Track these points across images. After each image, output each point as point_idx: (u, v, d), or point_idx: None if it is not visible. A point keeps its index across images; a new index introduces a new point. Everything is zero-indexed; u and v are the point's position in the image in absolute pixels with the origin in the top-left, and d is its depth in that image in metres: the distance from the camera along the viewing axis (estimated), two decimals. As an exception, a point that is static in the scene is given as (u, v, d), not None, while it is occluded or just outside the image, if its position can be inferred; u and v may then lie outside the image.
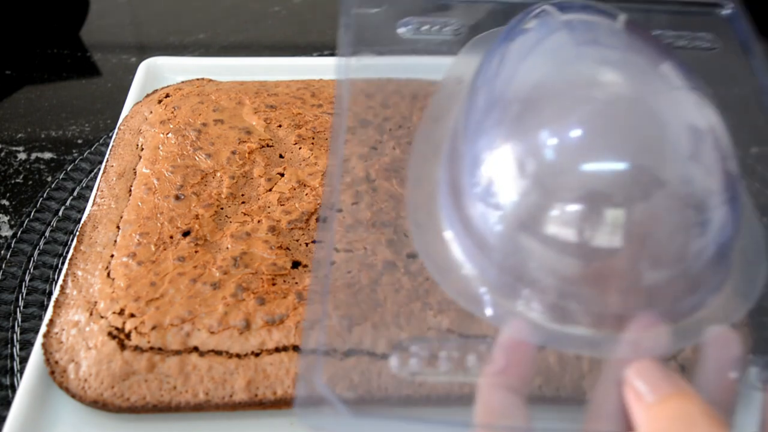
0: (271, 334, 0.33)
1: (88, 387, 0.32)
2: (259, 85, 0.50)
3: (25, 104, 0.58)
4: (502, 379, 0.25)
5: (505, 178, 0.27)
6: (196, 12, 0.73)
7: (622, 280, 0.26)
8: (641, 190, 0.25)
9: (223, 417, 0.33)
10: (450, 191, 0.31)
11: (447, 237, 0.30)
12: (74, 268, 0.37)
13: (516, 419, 0.24)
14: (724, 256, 0.27)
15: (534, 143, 0.27)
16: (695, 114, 0.27)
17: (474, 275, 0.29)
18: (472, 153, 0.29)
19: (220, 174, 0.41)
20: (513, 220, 0.27)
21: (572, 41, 0.29)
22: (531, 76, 0.29)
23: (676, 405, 0.22)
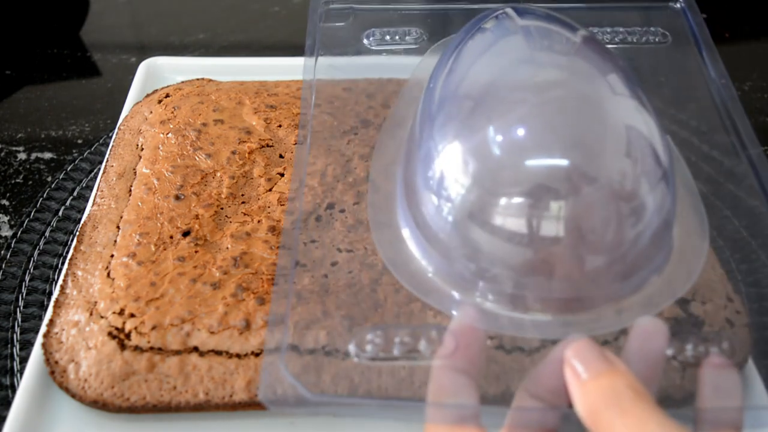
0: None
1: (88, 387, 0.32)
2: (259, 85, 0.50)
3: (25, 104, 0.58)
4: (453, 362, 0.27)
5: (455, 173, 0.29)
6: (196, 12, 0.73)
7: (565, 267, 0.28)
8: (578, 184, 0.27)
9: (223, 417, 0.33)
10: (405, 189, 0.33)
11: (403, 234, 0.32)
12: (74, 268, 0.37)
13: (465, 398, 0.26)
14: (662, 241, 0.30)
15: (481, 140, 0.29)
16: (631, 117, 0.29)
17: (429, 268, 0.31)
18: (426, 149, 0.31)
19: (220, 174, 0.41)
20: (462, 213, 0.29)
21: (526, 46, 0.31)
22: (483, 76, 0.31)
23: (606, 381, 0.24)
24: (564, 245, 0.28)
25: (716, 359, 0.28)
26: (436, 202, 0.30)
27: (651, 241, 0.29)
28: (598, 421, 0.24)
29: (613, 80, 0.30)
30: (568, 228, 0.27)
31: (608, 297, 0.29)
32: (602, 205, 0.28)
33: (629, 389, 0.24)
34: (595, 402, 0.24)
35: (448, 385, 0.26)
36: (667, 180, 0.30)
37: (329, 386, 0.32)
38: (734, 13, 0.74)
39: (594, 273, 0.29)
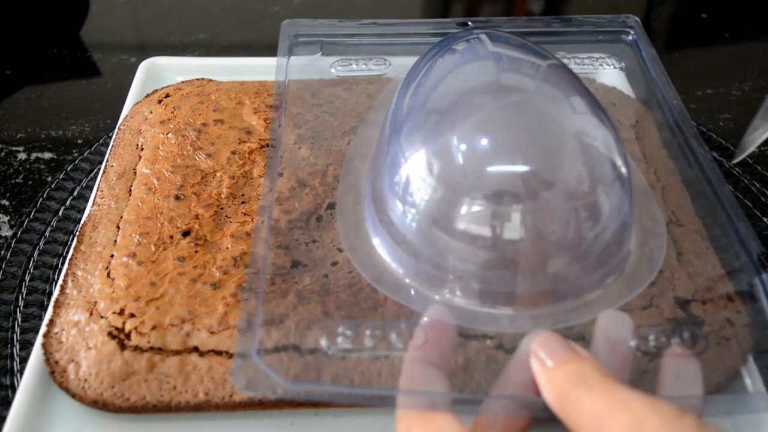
0: (271, 334, 0.33)
1: (88, 387, 0.32)
2: (259, 85, 0.50)
3: (25, 104, 0.58)
4: (423, 354, 0.28)
5: (419, 180, 0.31)
6: (196, 12, 0.74)
7: (527, 265, 0.30)
8: (536, 188, 0.29)
9: (223, 417, 0.33)
10: (373, 195, 0.35)
11: (372, 238, 0.34)
12: (74, 268, 0.37)
13: (436, 387, 0.27)
14: (619, 243, 0.32)
15: (444, 148, 0.31)
16: (589, 130, 0.32)
17: (398, 270, 0.33)
18: (392, 157, 0.33)
19: (220, 174, 0.41)
20: (427, 218, 0.31)
21: (494, 68, 0.34)
22: (449, 91, 0.34)
23: (571, 366, 0.26)
24: (525, 245, 0.30)
25: (677, 349, 0.29)
26: (402, 207, 0.32)
27: (610, 240, 0.31)
28: (565, 403, 0.25)
29: (575, 100, 0.33)
30: (528, 229, 0.29)
31: (571, 292, 0.31)
32: (559, 207, 0.30)
33: (595, 370, 0.25)
34: (562, 385, 0.25)
35: (419, 376, 0.27)
36: (624, 186, 0.32)
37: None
38: (734, 13, 0.74)
39: (556, 270, 0.30)
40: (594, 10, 0.78)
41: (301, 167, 0.42)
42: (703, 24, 0.72)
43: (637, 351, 0.30)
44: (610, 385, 0.24)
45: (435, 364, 0.28)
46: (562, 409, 0.25)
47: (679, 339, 0.30)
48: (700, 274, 0.36)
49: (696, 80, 0.62)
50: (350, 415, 0.33)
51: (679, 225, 0.38)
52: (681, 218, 0.38)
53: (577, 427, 0.24)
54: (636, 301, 0.33)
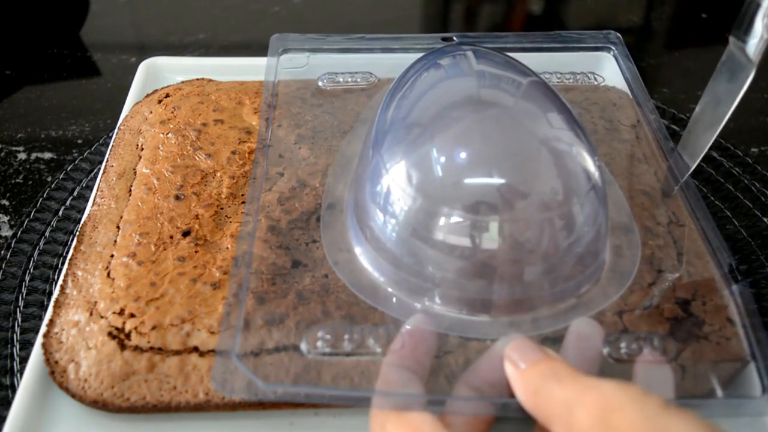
0: (271, 334, 0.33)
1: (88, 387, 0.32)
2: (259, 85, 0.49)
3: (25, 104, 0.58)
4: (400, 359, 0.29)
5: (399, 191, 0.32)
6: (196, 12, 0.74)
7: (503, 274, 0.31)
8: (512, 199, 0.30)
9: (223, 417, 0.33)
10: (355, 206, 0.36)
11: (355, 248, 0.35)
12: (74, 268, 0.37)
13: (411, 390, 0.28)
14: (594, 253, 0.33)
15: (424, 160, 0.32)
16: (564, 144, 0.33)
17: (380, 278, 0.34)
18: (374, 168, 0.34)
19: (220, 174, 0.41)
20: (406, 228, 0.32)
21: (476, 84, 0.35)
22: (430, 105, 0.35)
23: (543, 365, 0.27)
24: (501, 255, 0.30)
25: (649, 356, 0.30)
26: (383, 217, 0.33)
27: (584, 250, 0.32)
28: (538, 399, 0.26)
29: (552, 116, 0.34)
30: (504, 239, 0.30)
31: (546, 300, 0.32)
32: (535, 218, 0.30)
33: (566, 368, 0.26)
34: (535, 382, 0.26)
35: (395, 379, 0.28)
36: (598, 198, 0.33)
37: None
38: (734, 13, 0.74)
39: (531, 279, 0.31)
40: (594, 10, 0.78)
41: (301, 167, 0.42)
42: (703, 24, 0.72)
43: (609, 358, 0.30)
44: (580, 376, 0.25)
45: (411, 368, 0.29)
46: (535, 404, 0.26)
47: (650, 346, 0.31)
48: (700, 274, 0.36)
49: (696, 80, 0.62)
50: (350, 415, 0.33)
51: (679, 225, 0.38)
52: (681, 218, 0.38)
53: (549, 417, 0.25)
54: (636, 302, 0.33)
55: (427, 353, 0.30)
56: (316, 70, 0.47)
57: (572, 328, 0.31)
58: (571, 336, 0.30)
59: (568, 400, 0.24)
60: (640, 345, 0.31)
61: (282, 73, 0.46)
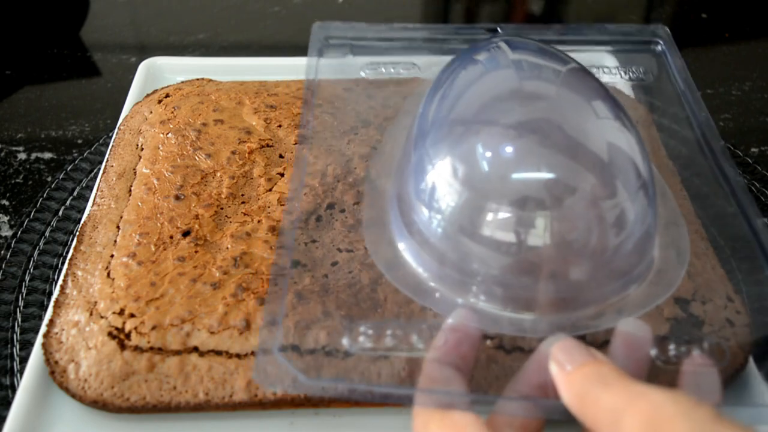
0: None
1: (88, 387, 0.32)
2: (259, 85, 0.49)
3: (25, 104, 0.58)
4: (443, 355, 0.28)
5: (445, 187, 0.31)
6: (196, 12, 0.73)
7: (550, 271, 0.30)
8: (561, 195, 0.29)
9: (223, 417, 0.33)
10: (399, 201, 0.35)
11: (398, 242, 0.34)
12: (74, 268, 0.37)
13: (454, 388, 0.27)
14: (642, 251, 0.32)
15: (470, 156, 0.31)
16: (613, 136, 0.32)
17: (423, 273, 0.33)
18: (419, 164, 0.33)
19: (220, 174, 0.41)
20: (452, 224, 0.31)
21: (516, 76, 0.34)
22: (474, 100, 0.34)
23: (589, 368, 0.26)
24: (548, 252, 0.30)
25: (697, 359, 0.29)
26: (428, 212, 0.32)
27: (634, 248, 0.31)
28: (584, 402, 0.25)
29: (597, 104, 0.33)
30: (552, 236, 0.29)
31: (592, 299, 0.31)
32: (583, 215, 0.30)
33: (613, 371, 0.25)
34: (581, 386, 0.25)
35: (438, 377, 0.28)
36: (648, 194, 0.32)
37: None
38: (734, 13, 0.74)
39: (577, 277, 0.30)
40: (594, 10, 0.78)
41: (301, 167, 0.42)
42: (703, 24, 0.72)
43: (656, 360, 0.29)
44: (628, 381, 0.24)
45: (454, 365, 0.28)
46: (581, 409, 0.25)
47: (699, 349, 0.30)
48: (700, 274, 0.36)
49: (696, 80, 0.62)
50: (350, 414, 0.33)
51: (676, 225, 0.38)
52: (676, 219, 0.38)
53: (595, 423, 0.24)
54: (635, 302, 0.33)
55: (470, 350, 0.29)
56: (357, 60, 0.46)
57: (620, 328, 0.30)
58: (618, 337, 0.29)
59: (615, 407, 0.24)
60: (690, 348, 0.30)
61: (323, 63, 0.44)
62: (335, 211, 0.39)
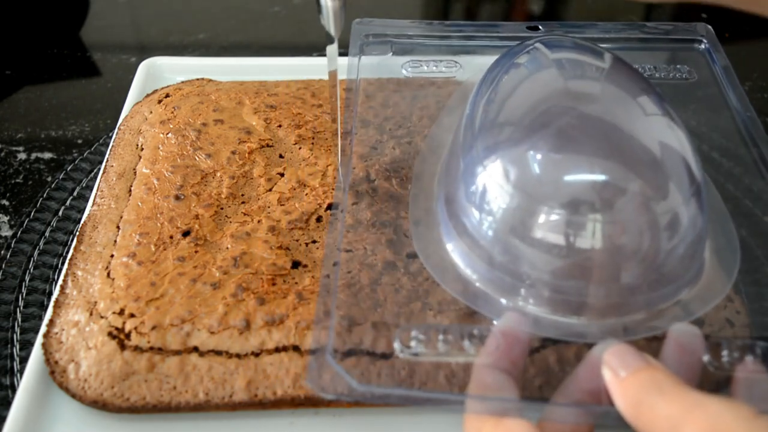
0: (271, 334, 0.33)
1: (88, 387, 0.32)
2: (259, 85, 0.50)
3: (25, 104, 0.58)
4: (494, 360, 0.28)
5: (497, 189, 0.31)
6: (196, 12, 0.73)
7: (600, 276, 0.30)
8: (613, 197, 0.29)
9: (223, 417, 0.33)
10: (447, 203, 0.35)
11: (447, 245, 0.34)
12: (74, 268, 0.37)
13: (507, 394, 0.27)
14: (694, 255, 0.32)
15: (520, 159, 0.31)
16: (664, 134, 0.31)
17: (473, 276, 0.33)
18: (469, 164, 0.33)
19: (220, 174, 0.41)
20: (503, 227, 0.31)
21: (559, 75, 0.34)
22: (521, 103, 0.33)
23: (644, 375, 0.25)
24: (600, 256, 0.29)
25: (750, 366, 0.29)
26: (478, 214, 0.32)
27: (685, 252, 0.31)
28: (639, 410, 0.25)
29: (643, 100, 0.32)
30: (604, 239, 0.29)
31: (643, 304, 0.31)
32: (636, 218, 0.29)
33: (668, 378, 0.25)
34: (636, 393, 0.25)
35: (490, 382, 0.27)
36: (700, 195, 0.31)
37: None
38: (734, 13, 0.74)
39: (629, 281, 0.30)
40: (594, 10, 0.78)
41: (301, 167, 0.42)
42: (703, 24, 0.72)
43: (709, 366, 0.29)
44: (684, 390, 0.24)
45: (505, 370, 0.28)
46: (636, 416, 0.25)
47: (752, 355, 0.29)
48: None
49: (696, 80, 0.62)
50: (350, 414, 0.33)
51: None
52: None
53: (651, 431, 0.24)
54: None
55: (521, 355, 0.29)
56: (398, 58, 0.45)
57: (672, 334, 0.29)
58: (670, 342, 0.29)
59: (673, 416, 0.23)
60: (742, 353, 0.29)
61: (365, 60, 0.44)
62: (335, 211, 0.39)
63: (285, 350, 0.33)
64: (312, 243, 0.37)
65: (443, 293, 0.34)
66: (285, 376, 0.33)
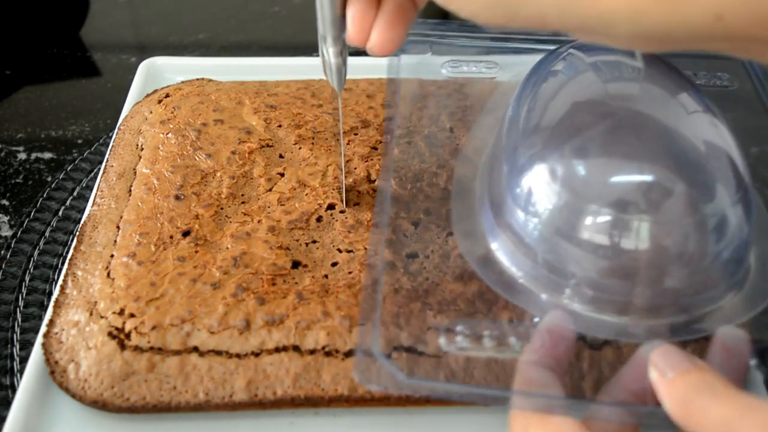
0: (271, 334, 0.33)
1: (88, 387, 0.32)
2: (259, 85, 0.50)
3: (25, 104, 0.58)
4: (540, 358, 0.28)
5: (543, 189, 0.31)
6: (196, 12, 0.73)
7: (646, 277, 0.29)
8: (659, 199, 0.29)
9: (223, 417, 0.33)
10: (491, 202, 0.35)
11: (490, 242, 0.34)
12: (74, 268, 0.37)
13: (553, 391, 0.27)
14: (739, 259, 0.31)
15: (567, 162, 0.31)
16: (709, 133, 0.31)
17: (517, 273, 0.33)
18: (514, 169, 0.33)
19: (220, 174, 0.41)
20: (550, 227, 0.31)
21: (598, 79, 0.33)
22: (563, 107, 0.33)
23: (693, 376, 0.25)
24: (646, 256, 0.29)
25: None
26: (524, 215, 0.32)
27: (732, 256, 0.31)
28: (689, 411, 0.24)
29: (684, 98, 0.32)
30: (651, 240, 0.29)
31: (688, 306, 0.31)
32: (684, 219, 0.29)
33: (718, 380, 0.25)
34: (686, 394, 0.25)
35: (536, 379, 0.28)
36: (747, 198, 0.31)
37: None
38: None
39: (675, 283, 0.30)
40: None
41: (302, 167, 0.42)
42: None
43: (756, 370, 0.30)
44: (736, 392, 0.24)
45: (550, 367, 0.28)
46: (686, 417, 0.25)
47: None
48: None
49: (696, 80, 0.62)
50: (350, 415, 0.33)
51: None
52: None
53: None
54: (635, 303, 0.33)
55: (566, 352, 0.29)
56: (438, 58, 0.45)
57: (718, 337, 0.29)
58: (716, 345, 0.29)
59: (727, 419, 0.23)
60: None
61: (404, 60, 0.44)
62: (335, 211, 0.39)
63: (285, 350, 0.33)
64: (312, 243, 0.37)
65: (443, 293, 0.34)
66: (285, 376, 0.33)
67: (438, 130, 0.43)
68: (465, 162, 0.40)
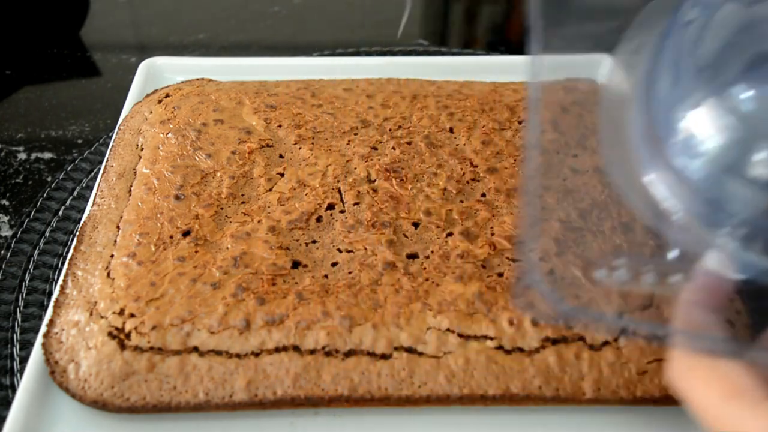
0: (271, 334, 0.33)
1: (88, 387, 0.32)
2: (259, 85, 0.50)
3: (25, 104, 0.58)
4: (702, 299, 0.27)
5: (710, 128, 0.29)
6: (196, 12, 0.74)
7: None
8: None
9: (223, 417, 0.33)
10: (647, 132, 0.33)
11: (647, 178, 0.32)
12: (74, 268, 0.37)
13: (714, 333, 0.26)
14: None
15: (733, 97, 0.29)
16: None
17: (676, 208, 0.31)
18: (677, 97, 0.31)
19: (220, 174, 0.41)
20: (713, 160, 0.29)
21: (741, 5, 0.32)
22: (715, 45, 0.31)
23: None
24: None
25: None
26: (689, 150, 0.30)
27: None
28: None
29: None
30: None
31: None
32: None
33: None
34: None
35: (699, 320, 0.27)
36: None
37: None
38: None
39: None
40: (594, 10, 0.78)
41: (301, 167, 0.42)
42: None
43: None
44: None
45: (711, 308, 0.27)
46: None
47: None
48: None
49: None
50: (350, 414, 0.33)
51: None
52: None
53: None
54: (635, 301, 0.33)
55: (726, 294, 0.28)
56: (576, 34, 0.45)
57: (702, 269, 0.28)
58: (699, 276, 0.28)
59: None
60: None
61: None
62: (335, 211, 0.39)
63: (285, 350, 0.33)
64: (312, 243, 0.37)
65: (443, 293, 0.34)
66: (285, 376, 0.33)
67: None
68: (611, 94, 0.38)
